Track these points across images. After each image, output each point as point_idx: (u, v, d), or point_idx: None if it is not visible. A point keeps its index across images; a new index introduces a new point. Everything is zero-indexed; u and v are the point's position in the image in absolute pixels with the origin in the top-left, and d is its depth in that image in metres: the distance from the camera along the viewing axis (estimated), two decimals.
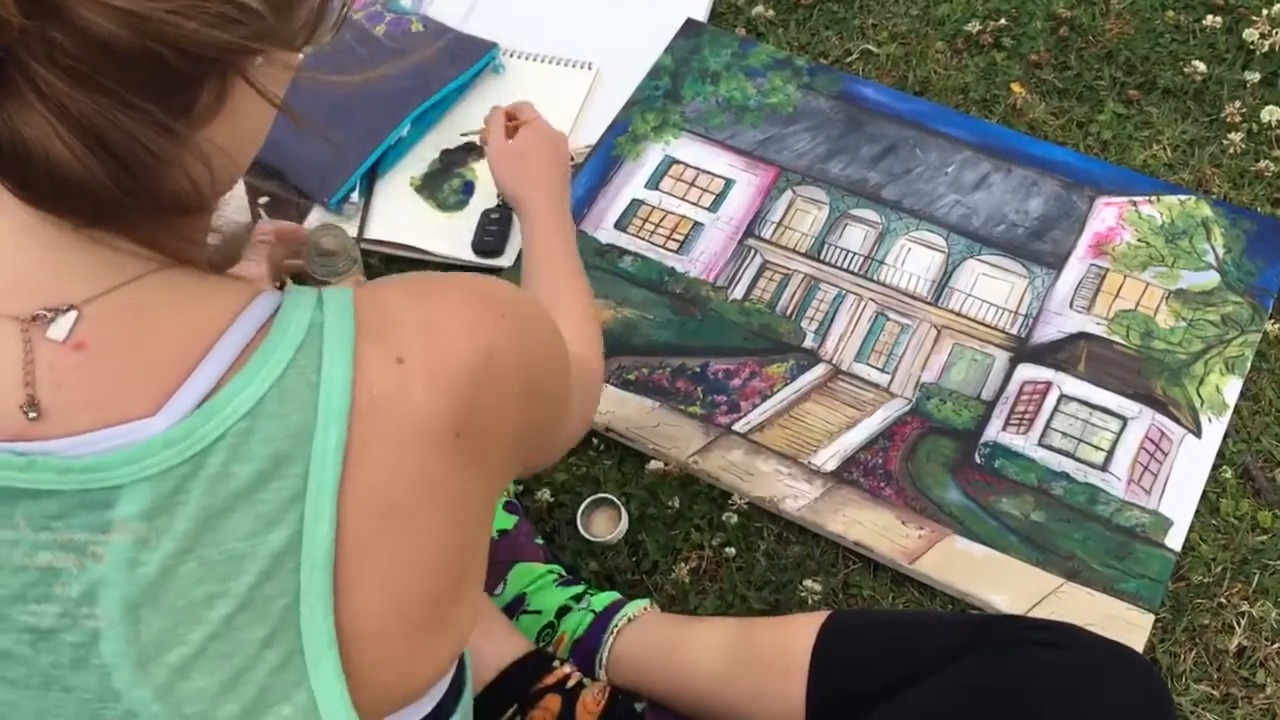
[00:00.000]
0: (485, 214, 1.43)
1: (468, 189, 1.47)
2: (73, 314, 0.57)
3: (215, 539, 0.57)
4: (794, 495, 1.24)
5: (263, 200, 1.44)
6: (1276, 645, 1.16)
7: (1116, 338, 1.33)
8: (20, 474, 0.56)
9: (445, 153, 1.50)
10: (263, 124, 0.64)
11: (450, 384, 0.60)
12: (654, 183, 1.47)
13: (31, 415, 0.56)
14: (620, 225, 1.44)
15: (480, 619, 1.05)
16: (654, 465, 1.27)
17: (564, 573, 1.17)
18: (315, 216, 1.44)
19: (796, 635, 1.00)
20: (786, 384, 1.32)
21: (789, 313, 1.37)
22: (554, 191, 1.21)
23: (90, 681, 0.58)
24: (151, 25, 0.53)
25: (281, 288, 1.27)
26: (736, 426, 1.29)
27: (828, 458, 1.26)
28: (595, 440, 1.29)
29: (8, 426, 0.56)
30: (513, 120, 1.30)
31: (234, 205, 1.25)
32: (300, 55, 0.65)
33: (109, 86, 0.53)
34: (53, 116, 0.53)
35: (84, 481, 0.56)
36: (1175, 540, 1.21)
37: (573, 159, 1.48)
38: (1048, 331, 1.34)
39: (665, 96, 1.54)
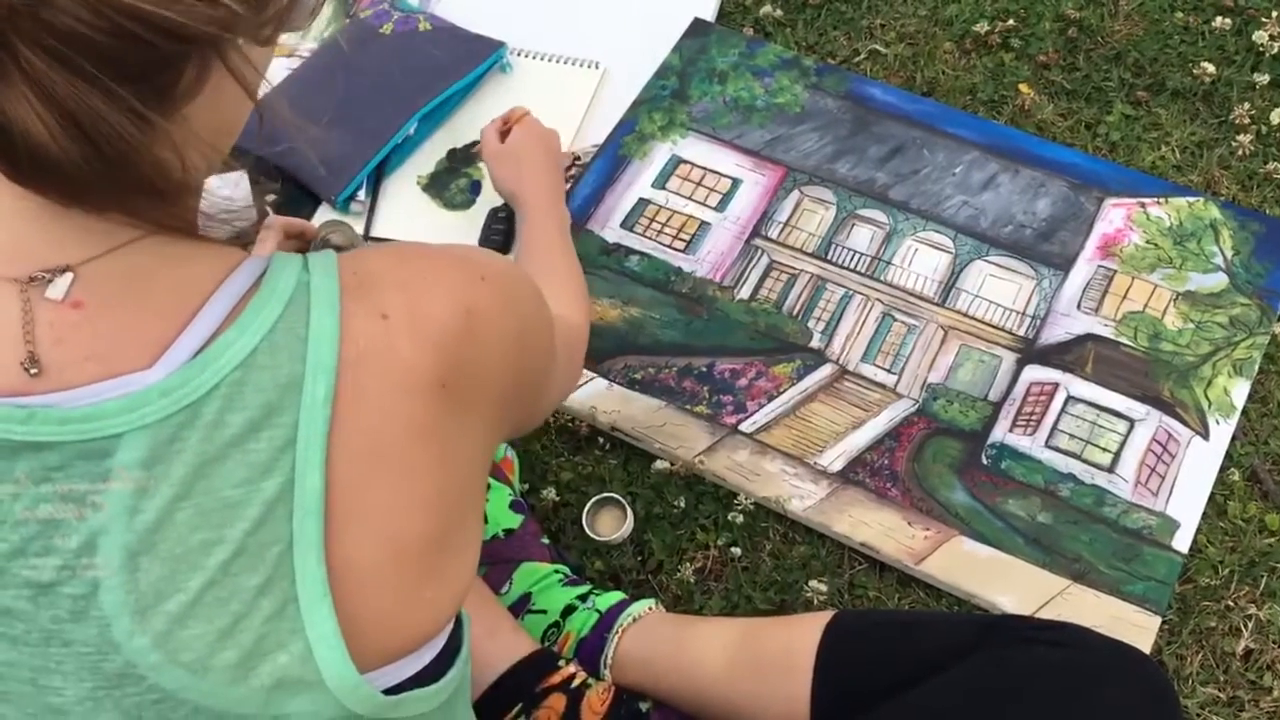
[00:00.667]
0: (492, 213, 1.43)
1: (474, 188, 1.47)
2: (69, 275, 0.59)
3: (211, 486, 0.58)
4: (800, 495, 1.24)
5: (270, 198, 1.44)
6: None
7: (1124, 339, 1.33)
8: (21, 426, 0.57)
9: (452, 152, 1.50)
10: (241, 110, 0.66)
11: (433, 338, 0.63)
12: (661, 182, 1.47)
13: (32, 371, 0.58)
14: (627, 224, 1.44)
15: (485, 616, 1.05)
16: (660, 465, 1.26)
17: (569, 572, 1.16)
18: (323, 214, 1.44)
19: (802, 635, 1.00)
20: (793, 384, 1.32)
21: (795, 313, 1.36)
22: (548, 186, 1.27)
23: (90, 634, 0.59)
24: (134, 6, 0.54)
25: None
26: (743, 426, 1.28)
27: (834, 458, 1.26)
28: (601, 439, 1.29)
29: (9, 383, 0.58)
30: (506, 124, 1.36)
31: (240, 203, 1.26)
32: (275, 41, 0.66)
33: (89, 70, 0.55)
34: (33, 97, 0.54)
35: (83, 431, 0.57)
36: (1182, 543, 1.20)
37: (579, 158, 1.48)
38: (1055, 333, 1.34)
39: (672, 96, 1.53)
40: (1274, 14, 1.56)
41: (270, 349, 0.60)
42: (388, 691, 0.64)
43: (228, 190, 1.21)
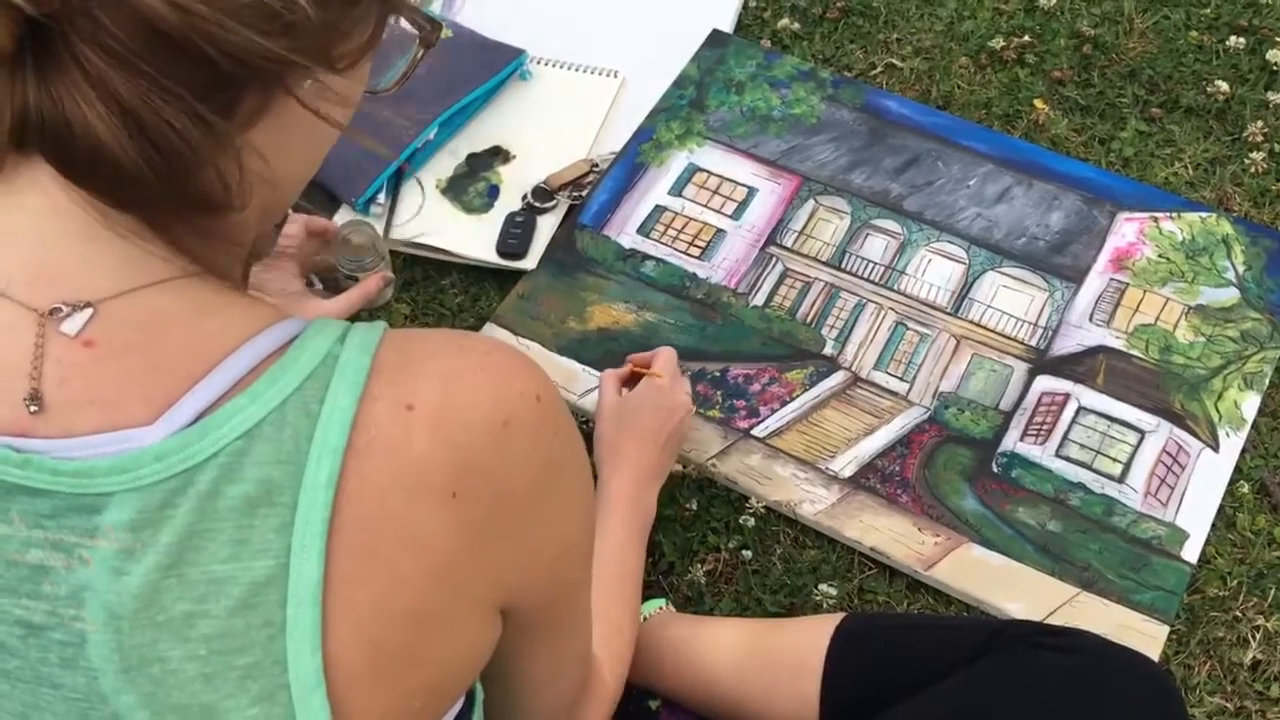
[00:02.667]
0: (510, 217, 1.45)
1: (492, 192, 1.48)
2: (88, 311, 0.57)
3: (197, 558, 0.55)
4: (811, 500, 1.25)
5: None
6: None
7: (1136, 351, 1.34)
8: (17, 470, 0.56)
9: (471, 156, 1.51)
10: (314, 146, 0.63)
11: (456, 438, 0.58)
12: (678, 189, 1.49)
13: (33, 409, 0.56)
14: (643, 231, 1.45)
15: None
16: (673, 467, 1.27)
17: None
18: (343, 216, 1.46)
19: (811, 636, 1.01)
20: (805, 390, 1.33)
21: (809, 320, 1.38)
22: (640, 469, 1.11)
23: (79, 682, 0.57)
24: (196, 21, 0.53)
25: (309, 284, 1.29)
26: (755, 431, 1.30)
27: (845, 464, 1.27)
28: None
29: (11, 418, 0.56)
30: (640, 369, 1.22)
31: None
32: (358, 87, 0.64)
33: (148, 72, 0.54)
34: (94, 94, 0.54)
35: (75, 485, 0.55)
36: (1191, 553, 1.21)
37: (596, 165, 1.50)
38: (1067, 344, 1.35)
39: (690, 105, 1.55)
40: None
41: (278, 422, 0.56)
42: None
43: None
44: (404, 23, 0.66)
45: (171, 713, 0.57)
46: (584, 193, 1.47)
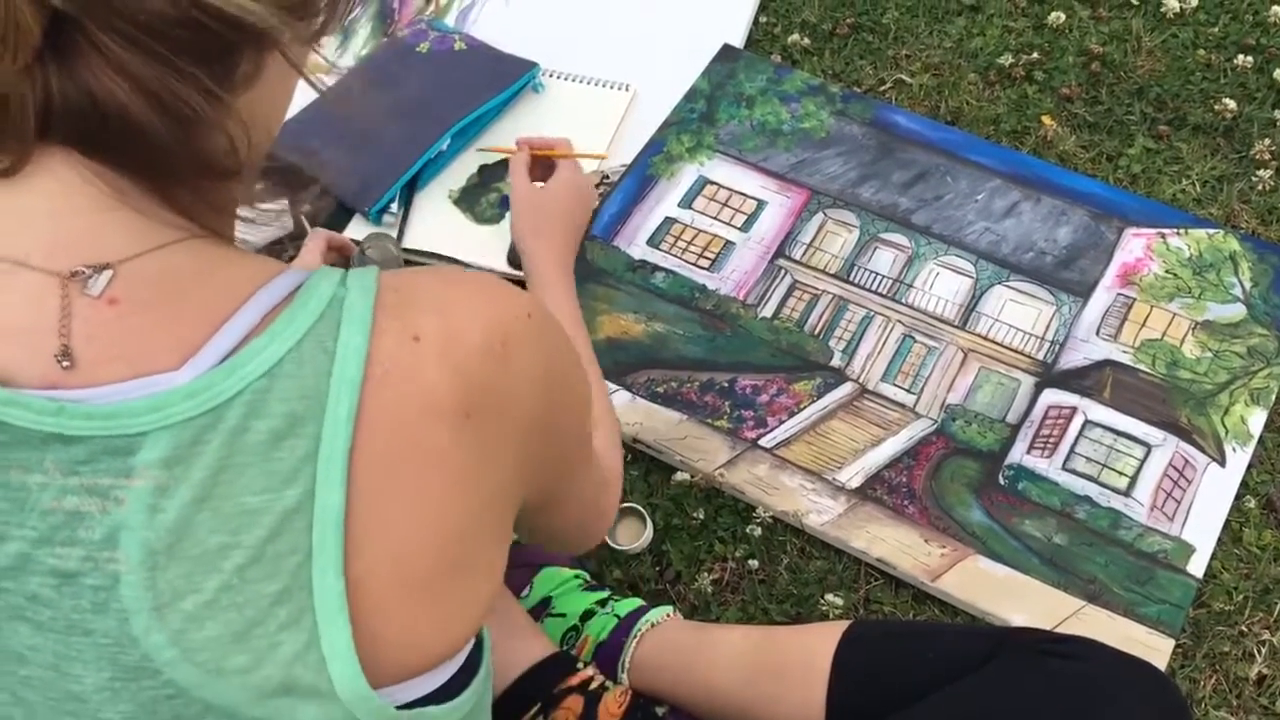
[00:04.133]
0: None
1: (504, 203, 1.49)
2: (108, 272, 0.60)
3: (230, 491, 0.59)
4: (818, 510, 1.25)
5: (305, 208, 1.47)
6: None
7: (1142, 366, 1.34)
8: (51, 419, 0.58)
9: (484, 168, 1.53)
10: (288, 96, 0.68)
11: (463, 364, 0.62)
12: (687, 202, 1.50)
13: (65, 364, 0.59)
14: (653, 242, 1.46)
15: (506, 618, 1.06)
16: (680, 476, 1.28)
17: (589, 578, 1.18)
18: (356, 225, 1.47)
19: (818, 642, 1.01)
20: (813, 401, 1.33)
21: (817, 332, 1.39)
22: (566, 250, 1.21)
23: (110, 625, 0.59)
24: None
25: None
26: (763, 441, 1.30)
27: (852, 474, 1.28)
28: (623, 450, 1.31)
29: (42, 374, 0.59)
30: (543, 153, 1.30)
31: (275, 207, 1.28)
32: (320, 37, 0.69)
33: (160, 52, 0.57)
34: (115, 75, 0.57)
35: (109, 428, 0.58)
36: (1197, 567, 1.21)
37: (608, 177, 1.51)
38: (1074, 358, 1.35)
39: (700, 119, 1.56)
40: None
41: (297, 359, 0.60)
42: (402, 707, 0.64)
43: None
44: None
45: (202, 648, 0.59)
46: (595, 205, 1.48)
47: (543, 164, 1.30)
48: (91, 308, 0.59)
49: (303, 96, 0.69)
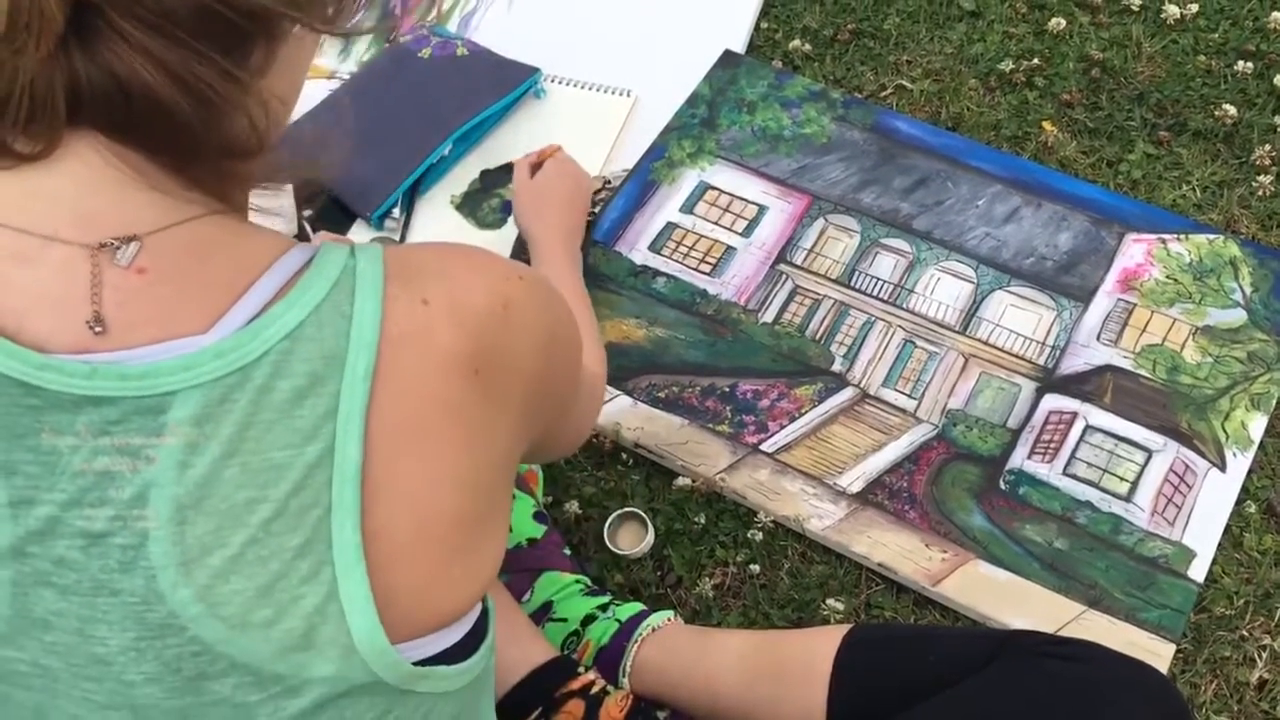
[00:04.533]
0: None
1: (505, 208, 1.50)
2: (136, 244, 0.62)
3: (257, 447, 0.61)
4: (819, 515, 1.26)
5: (307, 214, 1.48)
6: None
7: (1143, 371, 1.34)
8: (85, 381, 0.60)
9: (485, 173, 1.53)
10: (303, 72, 0.71)
11: (470, 324, 0.66)
12: (689, 207, 1.50)
13: (97, 330, 0.61)
14: (654, 247, 1.47)
15: (507, 623, 1.07)
16: (681, 481, 1.28)
17: (590, 583, 1.18)
18: (358, 230, 1.47)
19: (819, 645, 1.01)
20: (814, 406, 1.34)
21: (818, 337, 1.39)
22: (566, 228, 1.33)
23: (137, 584, 0.61)
24: None
25: None
26: (764, 446, 1.30)
27: (853, 479, 1.28)
28: (624, 455, 1.31)
29: (76, 339, 0.61)
30: (540, 158, 1.40)
31: (285, 216, 1.29)
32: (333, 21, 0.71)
33: (179, 36, 0.60)
34: (139, 58, 0.59)
35: (141, 388, 0.60)
36: (1198, 572, 1.21)
37: (609, 182, 1.52)
38: (1074, 363, 1.36)
39: (702, 124, 1.57)
40: None
41: (317, 322, 0.63)
42: (416, 664, 0.66)
43: (267, 202, 1.24)
44: None
45: (227, 601, 0.61)
46: (596, 209, 1.49)
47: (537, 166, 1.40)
48: (121, 276, 0.62)
49: (306, 102, 0.71)
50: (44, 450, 0.61)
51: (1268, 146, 1.51)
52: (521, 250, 1.45)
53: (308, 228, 1.46)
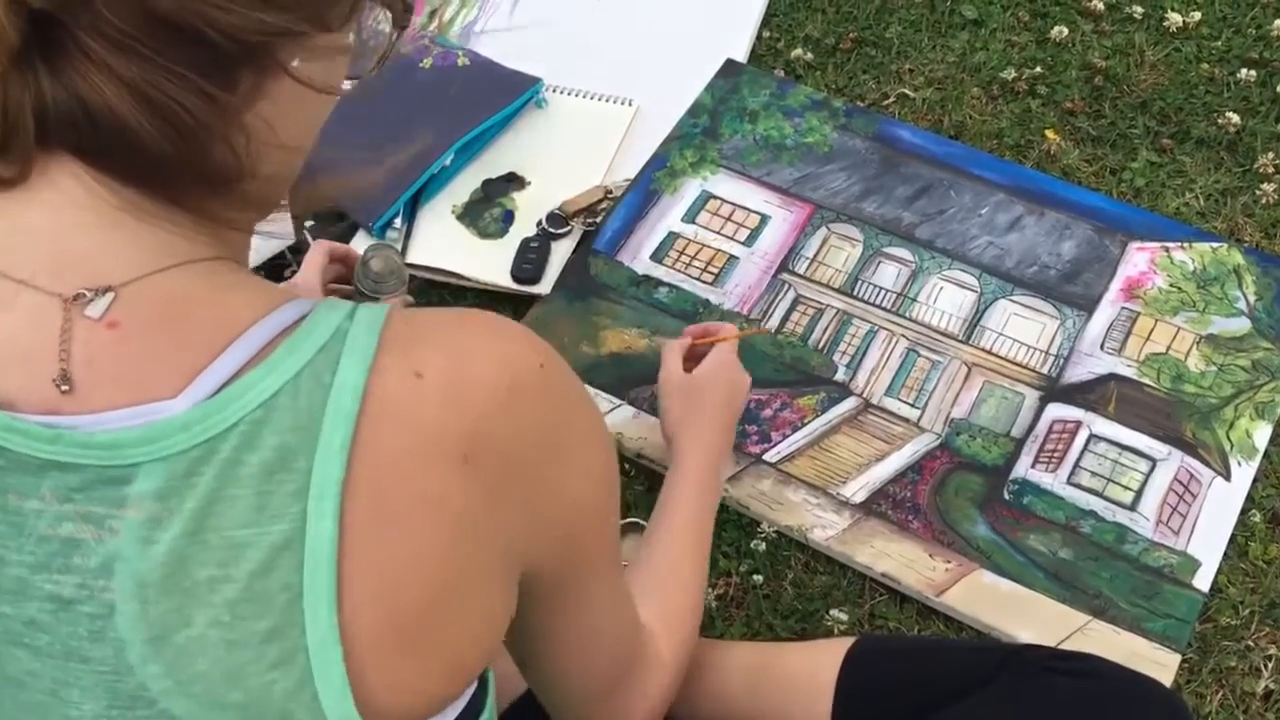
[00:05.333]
0: (524, 242, 1.46)
1: (507, 218, 1.50)
2: (110, 295, 0.59)
3: (219, 524, 0.57)
4: (822, 525, 1.25)
5: (308, 224, 1.48)
6: None
7: (1147, 380, 1.34)
8: (48, 446, 0.57)
9: (487, 182, 1.53)
10: (312, 113, 0.66)
11: (464, 403, 0.60)
12: (691, 216, 1.50)
13: (64, 389, 0.58)
14: (656, 257, 1.47)
15: None
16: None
17: None
18: (360, 240, 1.47)
19: (823, 659, 1.01)
20: (817, 416, 1.33)
21: (821, 346, 1.38)
22: (711, 447, 1.14)
23: (106, 654, 0.59)
24: (190, 2, 0.56)
25: None
26: (767, 456, 1.30)
27: (856, 489, 1.28)
28: (626, 465, 1.31)
29: (41, 398, 0.58)
30: (702, 340, 1.23)
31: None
32: (346, 49, 0.66)
33: (151, 55, 0.56)
34: (104, 79, 0.56)
35: (104, 457, 0.57)
36: (1203, 582, 1.21)
37: (610, 192, 1.51)
38: (1078, 372, 1.35)
39: (704, 134, 1.57)
40: None
41: (294, 391, 0.58)
42: None
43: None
44: (381, 13, 0.68)
45: (196, 681, 0.58)
46: (598, 219, 1.49)
47: (697, 354, 1.22)
48: (91, 330, 0.59)
49: None
50: (11, 510, 0.58)
51: (1271, 154, 1.51)
52: (523, 259, 1.45)
53: (309, 237, 1.46)
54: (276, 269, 1.42)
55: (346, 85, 0.67)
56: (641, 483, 1.30)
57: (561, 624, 0.75)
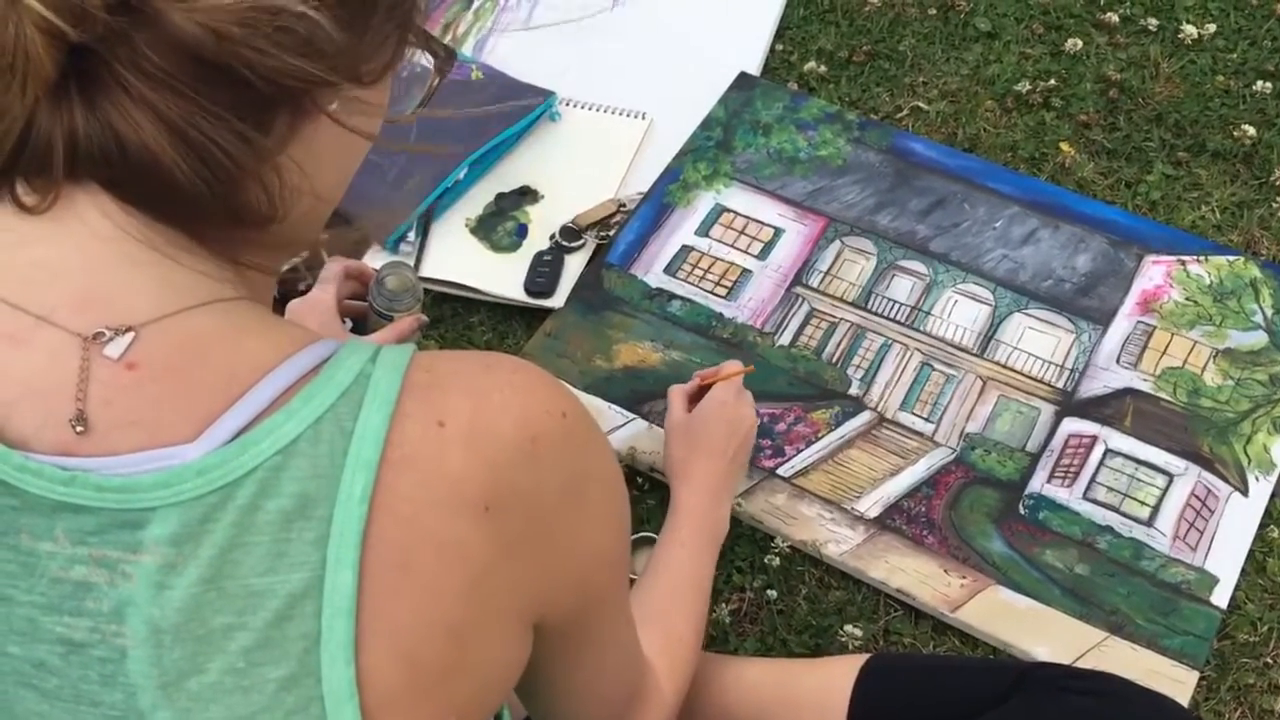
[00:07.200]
0: (538, 256, 1.46)
1: (521, 231, 1.50)
2: (130, 335, 0.58)
3: (236, 571, 0.57)
4: (836, 540, 1.25)
5: (323, 236, 1.48)
6: None
7: (1163, 394, 1.33)
8: (62, 487, 0.57)
9: (500, 196, 1.53)
10: (348, 157, 0.66)
11: (488, 454, 0.60)
12: (704, 230, 1.50)
13: (79, 429, 0.57)
14: (670, 270, 1.46)
15: None
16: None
17: None
18: (373, 255, 1.47)
19: (836, 676, 1.01)
20: (831, 430, 1.33)
21: (835, 360, 1.38)
22: (705, 487, 1.14)
23: (117, 699, 0.58)
24: (231, 45, 0.56)
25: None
26: (781, 470, 1.30)
27: (871, 504, 1.27)
28: (640, 479, 1.30)
29: (57, 439, 0.58)
30: (704, 381, 1.24)
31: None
32: (382, 102, 0.66)
33: (189, 94, 0.56)
34: (141, 115, 0.56)
35: (119, 501, 0.57)
36: (1221, 598, 1.20)
37: (624, 205, 1.51)
38: (1094, 386, 1.34)
39: (717, 147, 1.57)
40: None
41: (314, 438, 0.58)
42: None
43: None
44: (421, 55, 0.68)
45: None
46: (611, 232, 1.49)
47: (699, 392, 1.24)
48: (109, 371, 0.58)
49: None
50: (23, 550, 0.58)
51: None
52: (535, 273, 1.44)
53: (323, 253, 1.46)
54: (290, 284, 1.43)
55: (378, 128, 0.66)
56: (654, 497, 1.29)
57: (573, 663, 0.75)
